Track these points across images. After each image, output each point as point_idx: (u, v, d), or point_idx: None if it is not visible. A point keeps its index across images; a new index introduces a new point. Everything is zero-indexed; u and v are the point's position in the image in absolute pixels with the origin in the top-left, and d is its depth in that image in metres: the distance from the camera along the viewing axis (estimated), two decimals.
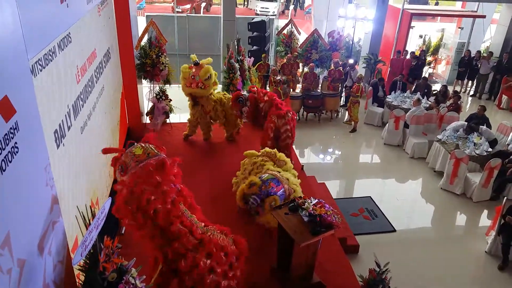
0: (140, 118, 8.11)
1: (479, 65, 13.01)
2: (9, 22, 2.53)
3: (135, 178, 3.42)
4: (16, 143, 2.49)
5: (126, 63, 7.25)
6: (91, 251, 2.99)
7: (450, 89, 12.02)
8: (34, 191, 2.79)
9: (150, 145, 3.75)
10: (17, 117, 2.53)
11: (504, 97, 12.50)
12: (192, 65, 7.26)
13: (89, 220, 3.21)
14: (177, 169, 3.71)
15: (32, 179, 2.77)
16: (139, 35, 7.93)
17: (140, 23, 9.37)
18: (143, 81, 8.31)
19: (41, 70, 3.09)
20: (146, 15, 14.40)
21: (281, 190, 4.88)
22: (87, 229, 2.93)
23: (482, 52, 13.79)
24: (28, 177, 2.68)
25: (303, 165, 7.48)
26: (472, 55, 13.03)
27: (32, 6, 2.98)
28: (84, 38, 4.55)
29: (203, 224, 3.99)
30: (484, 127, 8.96)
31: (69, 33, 3.94)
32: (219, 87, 9.64)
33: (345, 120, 11.20)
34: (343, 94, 12.00)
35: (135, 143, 3.79)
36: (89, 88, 4.66)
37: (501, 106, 12.57)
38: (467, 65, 13.11)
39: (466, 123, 9.02)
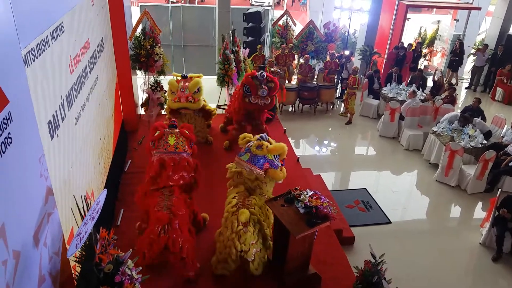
0: (135, 109, 8.05)
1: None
2: (1, 11, 2.48)
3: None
4: (9, 133, 2.46)
5: (120, 53, 7.17)
6: (87, 242, 2.97)
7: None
8: (28, 182, 2.76)
9: (184, 140, 4.93)
10: (10, 107, 2.48)
11: (499, 90, 12.55)
12: (180, 78, 6.88)
13: (84, 212, 3.19)
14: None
15: (26, 170, 2.74)
16: (133, 25, 7.84)
17: (134, 13, 9.27)
18: (138, 72, 8.24)
19: (34, 60, 3.04)
20: (140, 5, 14.23)
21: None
22: (82, 220, 2.91)
23: (477, 44, 13.81)
24: (22, 168, 2.65)
25: (298, 157, 7.47)
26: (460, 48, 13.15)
27: None
28: (77, 27, 4.48)
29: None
30: (478, 119, 8.99)
31: (62, 22, 3.88)
32: (214, 78, 9.59)
33: (340, 112, 11.19)
34: (339, 86, 11.98)
35: (175, 124, 5.07)
36: (82, 78, 4.60)
37: (495, 98, 12.62)
38: (458, 55, 13.20)
39: (459, 113, 9.04)
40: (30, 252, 2.71)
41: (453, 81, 13.00)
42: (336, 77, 11.44)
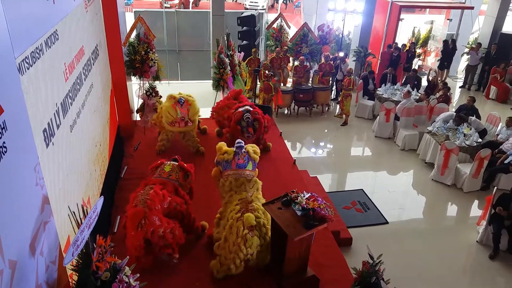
0: (130, 115, 8.04)
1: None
2: None
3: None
4: (4, 143, 2.45)
5: (114, 59, 7.16)
6: (84, 250, 2.96)
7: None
8: (24, 191, 2.75)
9: (179, 171, 5.13)
10: (4, 116, 2.48)
11: (493, 88, 12.62)
12: (175, 103, 6.79)
13: (81, 220, 3.18)
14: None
15: (22, 179, 2.73)
16: (127, 31, 7.85)
17: (128, 19, 9.27)
18: (132, 78, 8.23)
19: (28, 68, 3.04)
20: (134, 11, 14.26)
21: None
22: (79, 228, 2.91)
23: (471, 43, 13.89)
24: (17, 177, 2.65)
25: (295, 159, 7.48)
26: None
27: (18, 3, 2.92)
28: (71, 35, 4.48)
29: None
30: (473, 118, 9.04)
31: (56, 30, 3.88)
32: (209, 82, 9.62)
33: (336, 114, 11.22)
34: (334, 87, 12.02)
35: (177, 159, 5.37)
36: (77, 85, 4.60)
37: (489, 97, 12.69)
38: (443, 53, 13.35)
39: (455, 113, 9.09)
40: (27, 262, 2.70)
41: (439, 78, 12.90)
42: (331, 78, 11.48)
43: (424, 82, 11.95)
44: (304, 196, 4.58)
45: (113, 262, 3.15)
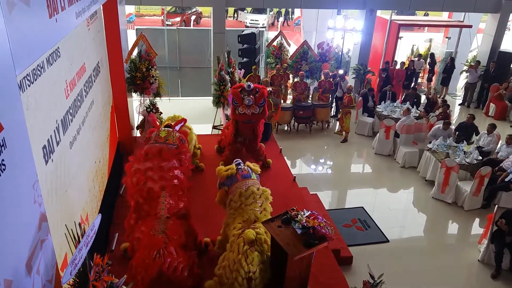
0: (131, 132, 8.05)
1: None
2: None
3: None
4: (3, 160, 2.44)
5: (116, 76, 7.20)
6: (81, 269, 2.92)
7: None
8: (21, 209, 2.72)
9: (176, 134, 4.96)
10: (4, 134, 2.47)
11: (492, 105, 12.67)
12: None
13: (78, 237, 3.15)
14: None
15: (20, 196, 2.71)
16: (129, 48, 7.92)
17: (130, 37, 9.36)
18: (133, 94, 8.27)
19: (29, 86, 3.05)
20: (136, 28, 14.40)
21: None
22: (76, 246, 2.87)
23: (469, 61, 14.01)
24: (15, 195, 2.62)
25: (295, 176, 7.45)
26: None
27: (20, 21, 2.94)
28: (73, 52, 4.52)
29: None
30: (495, 133, 9.12)
31: (58, 47, 3.91)
32: (210, 99, 9.65)
33: (336, 131, 11.24)
34: (333, 104, 12.08)
35: (169, 128, 5.18)
36: (78, 102, 4.61)
37: (489, 114, 12.73)
38: (449, 71, 13.45)
39: (441, 124, 9.14)
40: (23, 281, 2.66)
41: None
42: (330, 95, 11.53)
43: (424, 100, 12.01)
44: (304, 214, 4.54)
45: (110, 281, 3.11)
